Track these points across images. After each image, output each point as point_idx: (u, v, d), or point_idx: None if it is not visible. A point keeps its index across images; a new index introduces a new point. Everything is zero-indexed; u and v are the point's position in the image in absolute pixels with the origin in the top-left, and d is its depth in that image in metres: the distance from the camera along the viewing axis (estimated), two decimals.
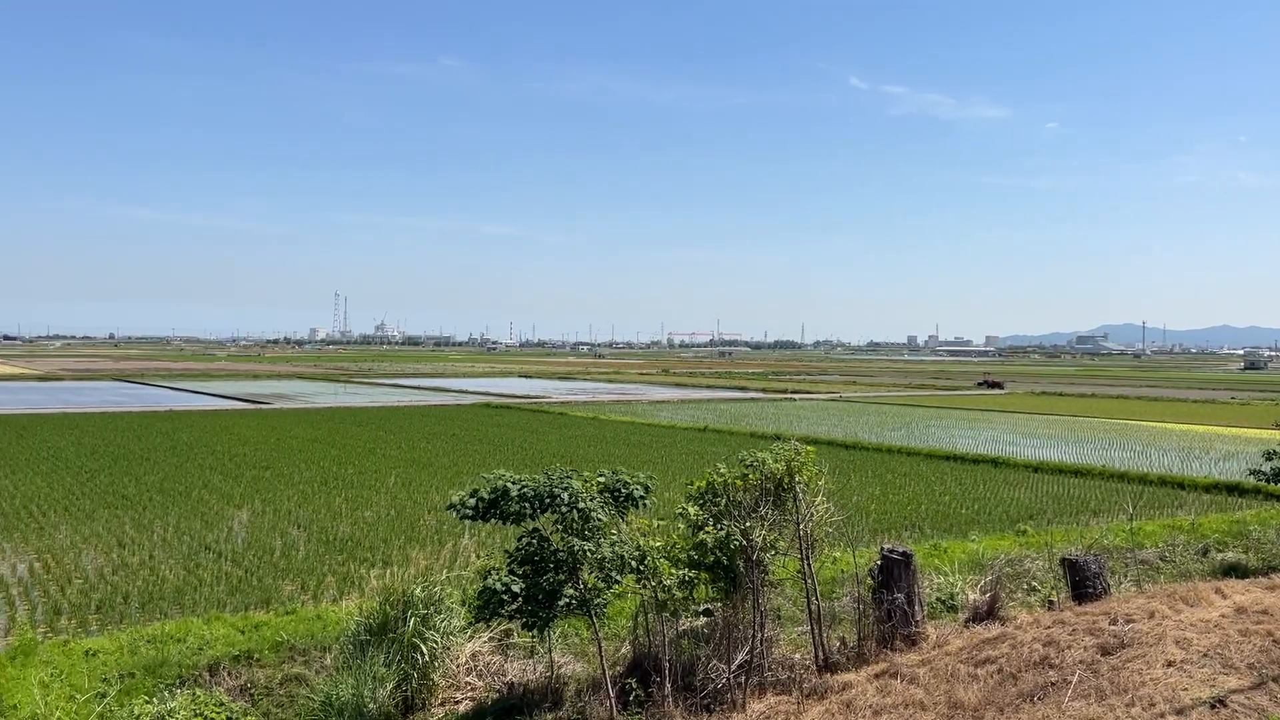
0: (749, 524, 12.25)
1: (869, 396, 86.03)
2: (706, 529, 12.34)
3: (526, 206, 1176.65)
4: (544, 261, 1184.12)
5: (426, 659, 12.74)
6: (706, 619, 13.38)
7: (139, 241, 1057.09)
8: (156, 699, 11.51)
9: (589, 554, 11.36)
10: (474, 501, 11.65)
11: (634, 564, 11.63)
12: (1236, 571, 18.35)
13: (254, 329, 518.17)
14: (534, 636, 12.97)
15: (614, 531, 12.04)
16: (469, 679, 13.25)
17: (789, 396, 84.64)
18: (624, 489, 12.33)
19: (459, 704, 12.85)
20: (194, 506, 25.91)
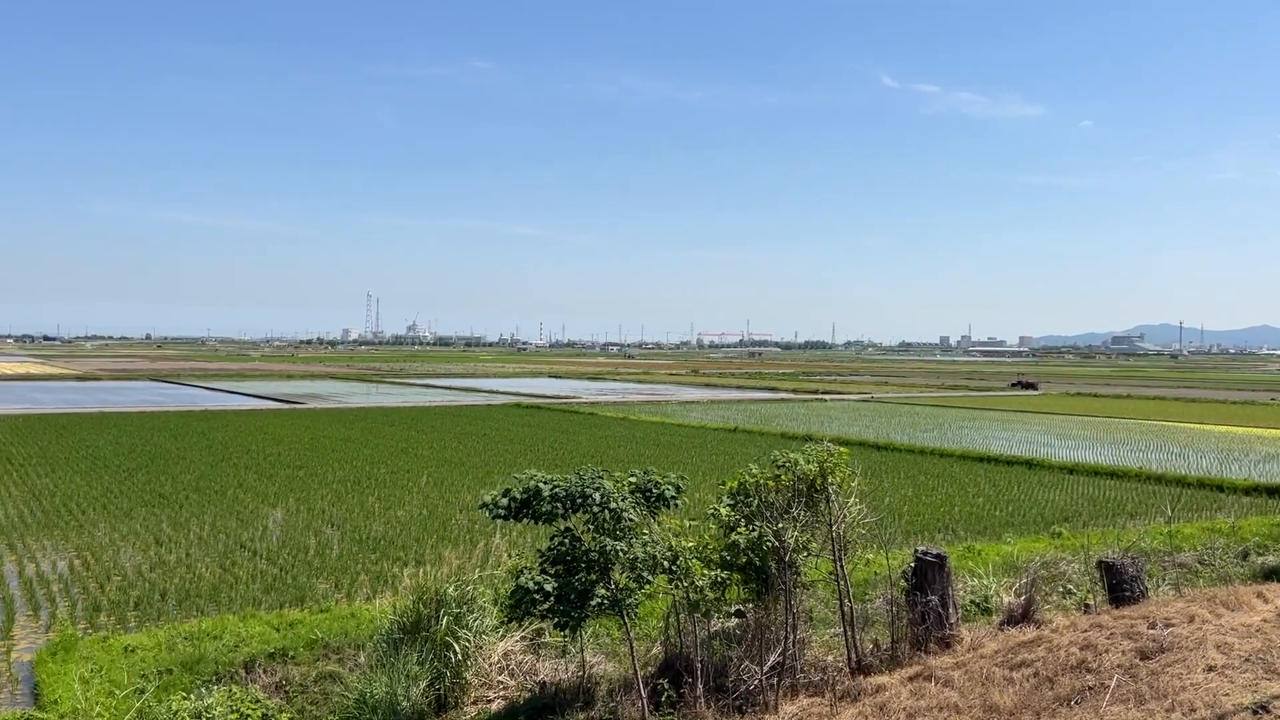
0: (781, 525, 12.21)
1: (901, 397, 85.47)
2: (739, 530, 12.32)
3: (556, 207, 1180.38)
4: (574, 262, 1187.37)
5: (459, 658, 12.80)
6: (738, 620, 13.35)
7: (175, 243, 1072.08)
8: (194, 695, 11.64)
9: (621, 554, 11.37)
10: (506, 501, 11.70)
11: (666, 564, 11.63)
12: (1278, 575, 18.04)
13: (287, 330, 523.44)
14: (566, 636, 12.99)
15: (645, 532, 12.04)
16: (501, 678, 13.29)
17: (820, 397, 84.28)
18: (655, 489, 12.32)
19: (491, 703, 12.90)
20: (229, 505, 26.21)
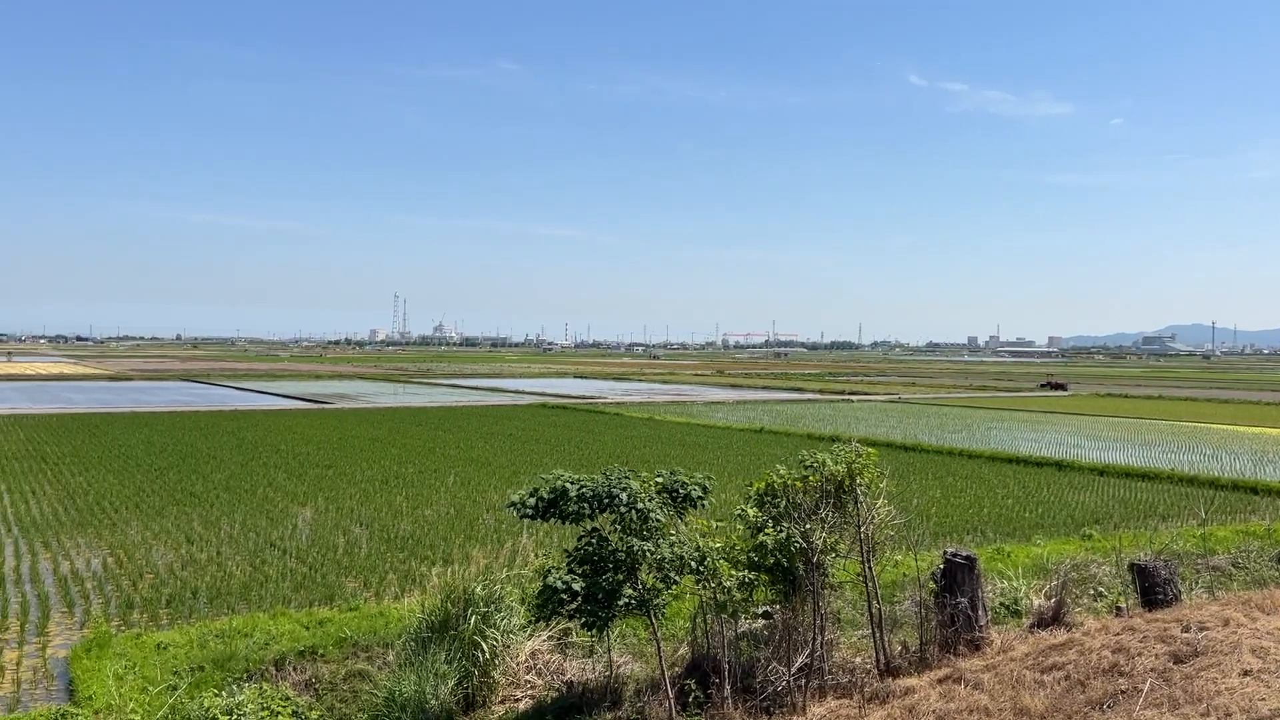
0: (809, 526, 12.17)
1: (928, 398, 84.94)
2: (766, 531, 12.28)
3: (581, 208, 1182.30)
4: (598, 262, 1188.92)
5: (487, 656, 12.86)
6: (765, 621, 13.31)
7: (205, 245, 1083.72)
8: (225, 692, 11.77)
9: (648, 554, 11.37)
10: (533, 501, 11.73)
11: (693, 565, 11.63)
12: None
13: (315, 330, 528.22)
14: (593, 636, 13.01)
15: (672, 532, 12.04)
16: (529, 677, 13.34)
17: (846, 398, 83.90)
18: (682, 489, 12.32)
19: (519, 702, 12.94)
20: (259, 504, 26.45)
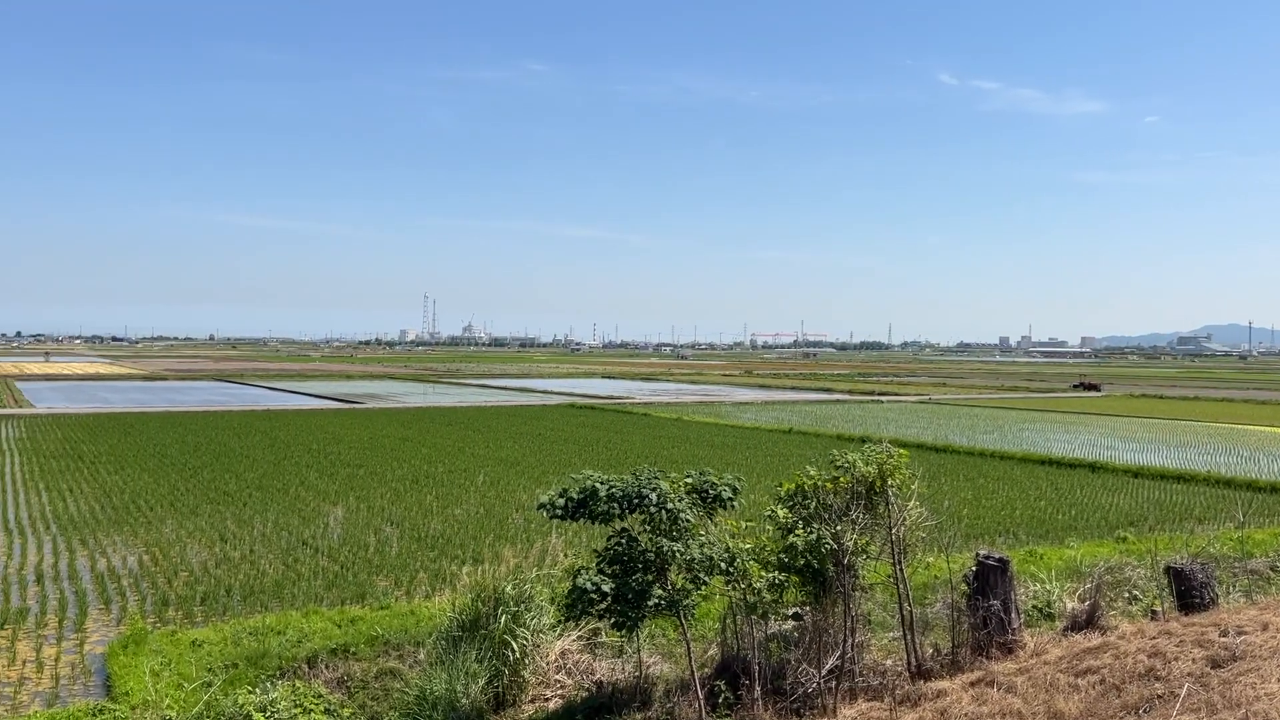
0: (839, 528, 12.11)
1: (959, 399, 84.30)
2: (796, 532, 12.24)
3: (610, 208, 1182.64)
4: (627, 262, 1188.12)
5: (517, 656, 12.90)
6: (795, 623, 13.26)
7: (237, 246, 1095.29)
8: (259, 689, 11.89)
9: (677, 555, 11.36)
10: (563, 501, 11.76)
11: (723, 565, 11.61)
12: None
13: (346, 330, 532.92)
14: (622, 636, 13.01)
15: (702, 533, 12.03)
16: (559, 676, 13.37)
17: (876, 399, 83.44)
18: (712, 490, 12.29)
19: (549, 701, 12.97)
20: (291, 503, 26.70)
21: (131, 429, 47.82)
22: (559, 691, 13.18)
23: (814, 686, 11.73)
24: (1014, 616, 12.88)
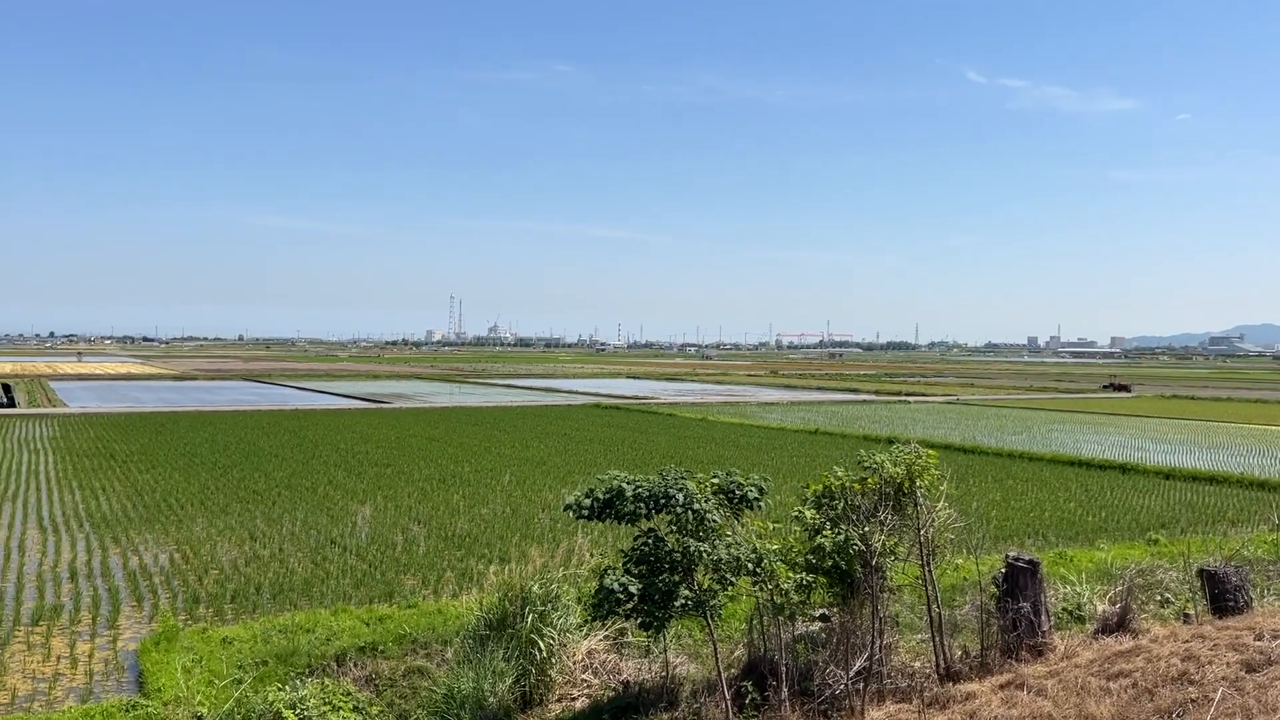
0: (867, 529, 12.06)
1: (987, 399, 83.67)
2: (823, 533, 12.20)
3: (635, 209, 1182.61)
4: (652, 263, 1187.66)
5: (544, 655, 12.93)
6: (822, 624, 13.21)
7: (266, 247, 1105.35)
8: (289, 687, 11.98)
9: (704, 555, 11.35)
10: (590, 501, 11.78)
11: (750, 566, 11.58)
12: None
13: (374, 331, 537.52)
14: (649, 636, 13.02)
15: (729, 533, 12.01)
16: (585, 676, 13.39)
17: (903, 399, 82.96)
18: (738, 490, 12.27)
19: (575, 701, 13.00)
20: (320, 502, 26.90)
21: (162, 428, 48.37)
22: (586, 691, 13.20)
23: (841, 688, 11.68)
24: (1044, 619, 12.77)
